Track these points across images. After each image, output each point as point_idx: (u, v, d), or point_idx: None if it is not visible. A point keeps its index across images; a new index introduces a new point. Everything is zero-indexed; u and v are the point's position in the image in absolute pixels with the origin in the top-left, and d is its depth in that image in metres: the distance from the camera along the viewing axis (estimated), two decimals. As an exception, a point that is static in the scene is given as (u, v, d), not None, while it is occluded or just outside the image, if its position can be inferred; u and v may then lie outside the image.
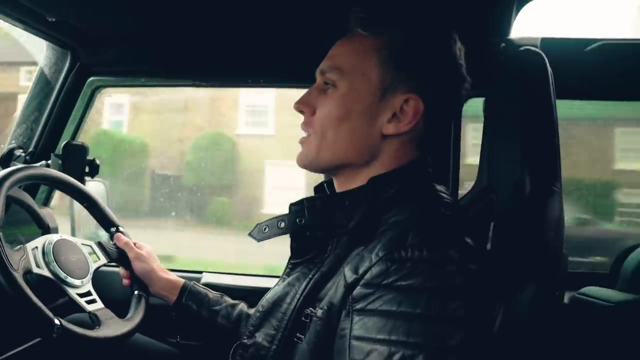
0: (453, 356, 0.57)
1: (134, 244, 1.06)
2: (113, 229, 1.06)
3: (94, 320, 0.87)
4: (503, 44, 1.19)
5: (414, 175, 0.76)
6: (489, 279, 0.66)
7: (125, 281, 1.04)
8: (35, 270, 0.83)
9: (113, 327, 0.88)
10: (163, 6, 1.14)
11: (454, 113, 0.83)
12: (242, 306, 1.03)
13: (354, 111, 0.74)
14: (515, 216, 0.77)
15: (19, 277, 0.76)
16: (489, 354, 0.65)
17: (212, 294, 1.04)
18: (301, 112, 0.80)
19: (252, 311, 1.00)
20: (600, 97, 1.38)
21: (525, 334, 0.71)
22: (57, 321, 0.76)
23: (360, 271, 0.64)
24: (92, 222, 1.15)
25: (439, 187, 0.76)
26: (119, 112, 6.38)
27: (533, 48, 0.84)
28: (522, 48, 0.85)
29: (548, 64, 0.81)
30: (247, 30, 1.23)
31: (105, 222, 1.07)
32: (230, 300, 1.04)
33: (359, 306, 0.62)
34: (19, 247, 0.84)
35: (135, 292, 1.01)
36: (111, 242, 1.05)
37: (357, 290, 0.63)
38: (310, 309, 0.70)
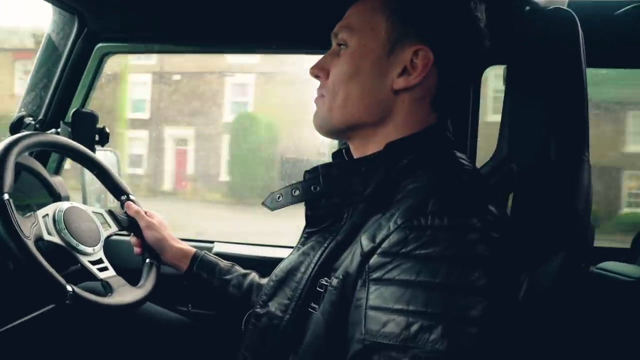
0: (474, 327, 0.55)
1: (145, 212, 1.05)
2: (124, 197, 1.06)
3: (106, 288, 0.87)
4: (527, 7, 1.13)
5: (433, 140, 0.73)
6: (513, 248, 0.64)
7: (137, 249, 1.04)
8: (47, 237, 0.83)
9: (125, 294, 0.88)
10: None
11: (471, 71, 0.79)
12: (253, 276, 1.02)
13: (363, 67, 0.72)
14: (540, 186, 0.73)
15: (30, 243, 0.76)
16: (512, 324, 0.63)
17: (223, 263, 1.03)
18: (317, 77, 0.78)
19: (263, 281, 1.00)
20: (629, 65, 1.31)
21: (549, 304, 0.69)
22: (69, 288, 0.76)
23: (378, 239, 0.61)
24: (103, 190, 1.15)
25: (459, 154, 0.73)
26: (243, 93, 6.05)
27: (563, 7, 0.79)
28: (551, 7, 0.80)
29: (579, 25, 0.76)
30: None
31: (116, 190, 1.06)
32: (241, 270, 1.04)
33: (375, 275, 0.60)
34: (29, 213, 0.83)
35: (147, 260, 1.02)
36: (122, 210, 1.05)
37: (374, 259, 0.61)
38: (325, 278, 0.68)
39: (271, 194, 0.80)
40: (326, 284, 0.67)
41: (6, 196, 0.76)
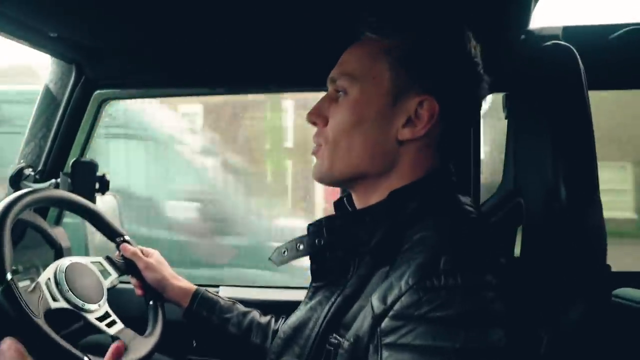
0: None
1: (142, 251, 1.04)
2: (119, 239, 1.05)
3: None
4: (523, 36, 1.13)
5: (437, 186, 0.71)
6: (526, 296, 0.62)
7: (138, 291, 1.03)
8: (54, 305, 0.83)
9: (138, 348, 0.88)
10: (165, 16, 1.10)
11: (473, 114, 0.78)
12: (253, 314, 1.01)
13: (366, 117, 0.70)
14: (550, 224, 0.71)
15: (42, 322, 0.76)
16: None
17: (223, 301, 1.02)
18: (313, 123, 0.76)
19: (264, 320, 0.99)
20: (628, 87, 1.31)
21: (575, 352, 0.66)
22: (86, 359, 0.77)
23: (389, 301, 0.59)
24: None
25: (463, 199, 0.71)
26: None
27: (561, 42, 0.78)
28: (549, 42, 0.79)
29: (579, 59, 0.75)
30: (255, 35, 1.19)
31: (111, 233, 1.06)
32: (242, 308, 1.02)
33: (388, 340, 0.57)
34: (34, 285, 0.83)
35: (150, 303, 1.01)
36: (119, 254, 1.04)
37: (386, 323, 0.58)
38: (335, 335, 0.66)
39: (277, 248, 0.78)
40: (335, 341, 0.65)
41: (9, 276, 0.76)
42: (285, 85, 1.36)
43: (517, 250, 0.87)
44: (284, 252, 0.77)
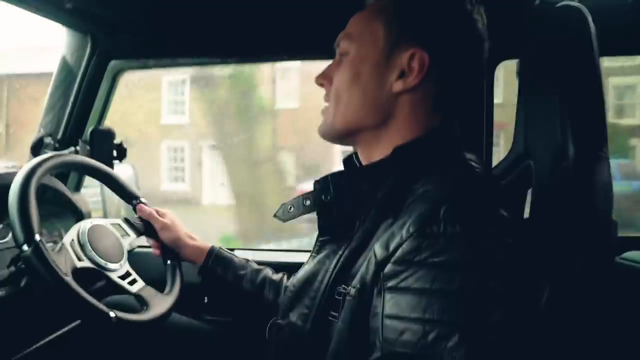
0: (492, 335, 0.55)
1: (157, 211, 1.07)
2: (135, 201, 1.08)
3: (141, 302, 0.91)
4: (537, 1, 1.12)
5: (440, 142, 0.73)
6: (530, 252, 0.63)
7: (156, 251, 1.07)
8: (79, 264, 0.86)
9: (160, 304, 0.92)
10: None
11: (472, 72, 0.79)
12: (266, 271, 1.04)
13: (362, 72, 0.74)
14: (559, 184, 0.72)
15: (70, 280, 0.79)
16: (533, 330, 0.62)
17: (237, 258, 1.05)
18: (321, 85, 0.80)
19: (276, 276, 1.03)
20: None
21: (576, 306, 0.68)
22: (112, 314, 0.80)
23: (391, 248, 0.62)
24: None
25: (468, 156, 0.73)
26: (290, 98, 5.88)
27: (572, 3, 0.78)
28: (560, 4, 0.79)
29: (590, 20, 0.75)
30: (266, 4, 1.19)
31: (127, 196, 1.09)
32: (255, 265, 1.05)
33: (390, 284, 0.60)
34: (60, 246, 0.87)
35: (168, 262, 1.05)
36: (136, 216, 1.07)
37: (389, 268, 0.61)
38: (343, 286, 0.68)
39: (282, 205, 0.81)
40: (344, 291, 0.68)
41: (38, 237, 0.79)
42: (296, 54, 1.37)
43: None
44: (289, 209, 0.80)
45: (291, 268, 0.97)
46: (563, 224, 0.70)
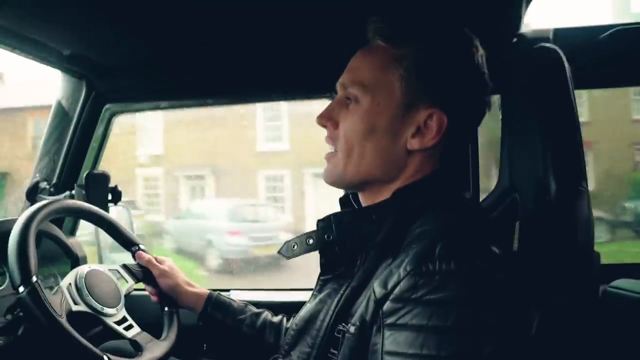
0: None
1: (156, 259, 1.08)
2: (134, 248, 1.09)
3: (135, 347, 0.91)
4: (515, 39, 1.17)
5: (439, 184, 0.75)
6: (520, 284, 0.65)
7: (154, 298, 1.07)
8: (75, 308, 0.87)
9: (154, 350, 0.92)
10: (173, 31, 1.15)
11: (478, 123, 0.80)
12: (266, 314, 1.04)
13: (378, 127, 0.73)
14: (542, 218, 0.75)
15: (64, 322, 0.80)
16: (524, 358, 0.64)
17: (236, 303, 1.05)
18: (324, 126, 0.80)
19: (276, 319, 1.03)
20: (618, 84, 1.35)
21: (563, 338, 0.70)
22: (106, 358, 0.80)
23: (390, 286, 0.63)
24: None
25: (466, 195, 0.76)
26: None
27: (548, 45, 0.83)
28: (536, 45, 0.84)
29: (565, 59, 0.79)
30: (258, 48, 1.23)
31: (126, 242, 1.10)
32: (254, 309, 1.06)
33: (389, 321, 0.62)
34: (56, 289, 0.87)
35: (166, 309, 1.05)
36: (135, 262, 1.08)
37: (387, 305, 0.63)
38: (343, 324, 0.70)
39: (286, 242, 0.82)
40: (343, 329, 0.69)
41: (34, 279, 0.80)
42: (290, 94, 1.41)
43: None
44: (293, 247, 0.81)
45: (289, 307, 0.98)
46: (548, 257, 0.73)
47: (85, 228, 1.44)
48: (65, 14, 1.02)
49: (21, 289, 0.79)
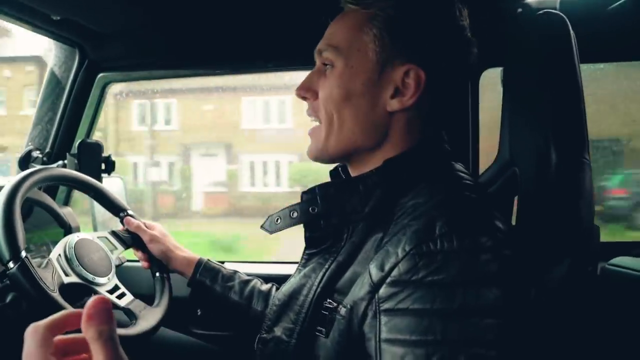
0: (494, 349, 0.53)
1: (145, 224, 1.06)
2: (122, 214, 1.08)
3: (129, 315, 0.90)
4: (520, 9, 1.13)
5: (430, 153, 0.72)
6: (523, 261, 0.63)
7: (144, 263, 1.06)
8: (66, 280, 0.86)
9: (148, 317, 0.91)
10: None
11: (463, 82, 0.77)
12: (254, 282, 1.03)
13: (354, 90, 0.70)
14: (543, 190, 0.73)
15: (58, 297, 0.79)
16: (529, 337, 0.62)
17: (225, 270, 1.04)
18: (303, 98, 0.76)
19: (264, 287, 1.01)
20: (625, 59, 1.31)
21: (558, 311, 0.68)
22: None
23: (387, 268, 0.59)
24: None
25: (457, 166, 0.72)
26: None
27: (553, 11, 0.79)
28: (541, 11, 0.80)
29: (570, 28, 0.76)
30: (251, 14, 1.20)
31: (114, 208, 1.08)
32: (243, 277, 1.04)
33: (387, 306, 0.57)
34: (46, 262, 0.86)
35: (157, 275, 1.04)
36: (124, 228, 1.06)
37: (384, 289, 0.58)
38: (329, 300, 0.67)
39: (269, 216, 0.78)
40: (330, 306, 0.66)
41: (24, 253, 0.78)
42: (280, 64, 1.37)
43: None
44: (277, 220, 0.77)
45: (281, 280, 0.96)
46: (548, 230, 0.71)
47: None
48: None
49: (11, 264, 0.77)
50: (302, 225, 0.76)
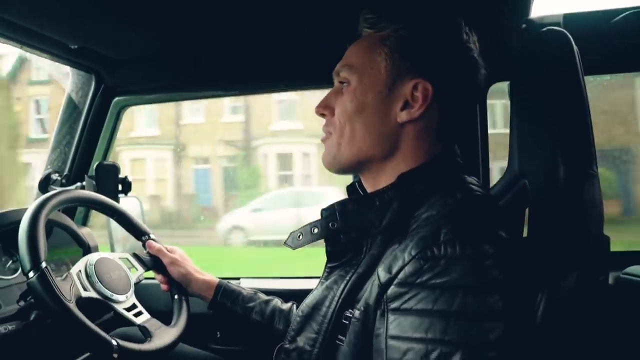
0: (492, 351, 0.56)
1: (167, 248, 1.09)
2: (145, 237, 1.10)
3: (145, 333, 0.92)
4: (524, 25, 1.16)
5: (443, 168, 0.75)
6: (528, 269, 0.65)
7: (164, 286, 1.08)
8: (84, 294, 0.88)
9: (163, 336, 0.93)
10: (179, 25, 1.16)
11: (471, 99, 0.81)
12: (275, 302, 1.05)
13: (366, 104, 0.76)
14: (552, 202, 0.74)
15: (73, 307, 0.81)
16: (531, 345, 0.63)
17: (245, 291, 1.06)
18: (322, 115, 0.82)
19: (285, 306, 1.04)
20: (629, 70, 1.32)
21: (569, 321, 0.69)
22: (114, 342, 0.81)
23: (394, 270, 0.63)
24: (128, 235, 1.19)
25: (469, 179, 0.75)
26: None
27: (556, 28, 0.81)
28: (544, 29, 0.82)
29: (573, 42, 0.78)
30: (264, 39, 1.24)
31: (136, 231, 1.11)
32: (264, 297, 1.06)
33: (393, 305, 0.62)
34: (65, 275, 0.88)
35: (176, 297, 1.06)
36: (145, 251, 1.09)
37: (392, 290, 0.63)
38: (350, 310, 0.70)
39: (292, 233, 0.82)
40: (350, 315, 0.69)
41: (44, 264, 0.81)
42: (295, 84, 1.41)
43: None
44: (299, 237, 0.81)
45: (299, 295, 0.98)
46: (557, 241, 0.72)
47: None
48: (71, 7, 1.03)
49: (31, 274, 0.80)
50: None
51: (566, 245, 0.70)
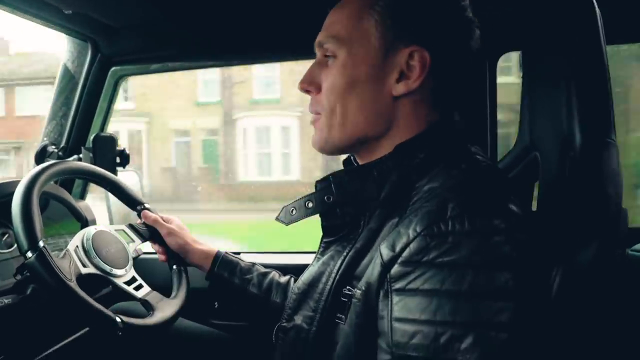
0: (504, 332, 0.53)
1: (162, 218, 1.06)
2: (140, 207, 1.08)
3: (146, 306, 0.91)
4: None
5: (442, 136, 0.70)
6: (540, 245, 0.61)
7: (161, 257, 1.06)
8: (84, 270, 0.86)
9: (165, 308, 0.91)
10: None
11: (468, 63, 0.74)
12: (273, 275, 1.03)
13: (358, 79, 0.69)
14: (567, 174, 0.71)
15: (74, 285, 0.79)
16: (544, 323, 0.61)
17: (243, 262, 1.04)
18: (307, 91, 0.75)
19: (283, 279, 1.01)
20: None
21: (586, 295, 0.66)
22: (118, 319, 0.80)
23: (398, 248, 0.59)
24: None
25: (473, 149, 0.70)
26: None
27: None
28: None
29: (596, 6, 0.73)
30: (265, 4, 1.19)
31: (131, 202, 1.08)
32: (261, 269, 1.04)
33: (398, 285, 0.58)
34: (63, 252, 0.86)
35: (174, 267, 1.04)
36: (141, 221, 1.07)
37: (395, 269, 0.59)
38: (349, 287, 0.67)
39: (284, 207, 0.78)
40: (349, 293, 0.66)
41: (41, 243, 0.79)
42: (291, 54, 1.36)
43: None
44: (292, 211, 0.76)
45: (298, 270, 0.96)
46: (573, 215, 0.69)
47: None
48: None
49: (29, 254, 0.78)
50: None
51: (583, 218, 0.67)
